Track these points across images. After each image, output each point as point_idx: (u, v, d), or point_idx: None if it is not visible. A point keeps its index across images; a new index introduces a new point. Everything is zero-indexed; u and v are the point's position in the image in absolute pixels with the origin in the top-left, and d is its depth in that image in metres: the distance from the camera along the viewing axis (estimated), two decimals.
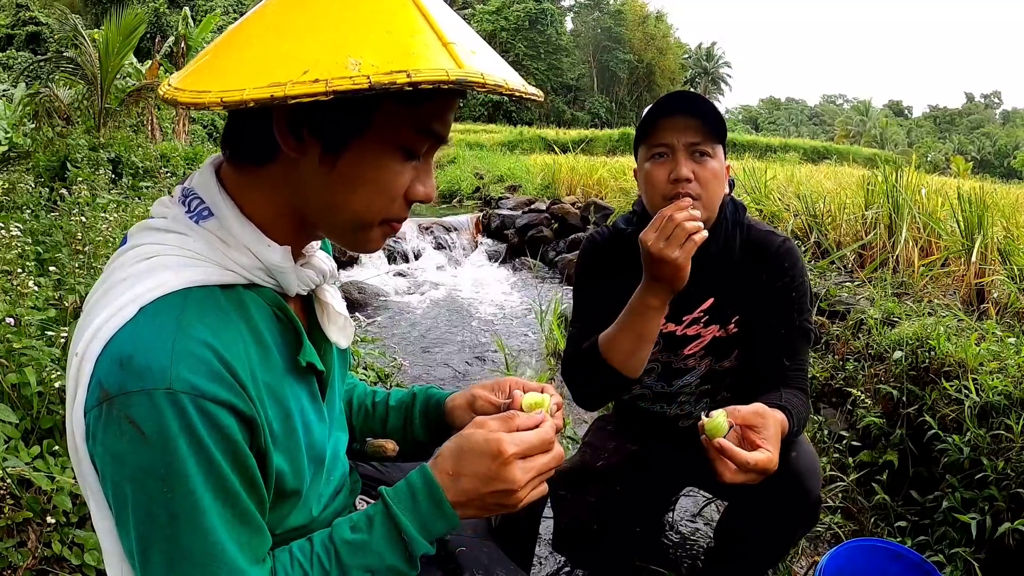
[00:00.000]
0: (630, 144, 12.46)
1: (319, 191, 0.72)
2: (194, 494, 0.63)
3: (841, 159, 21.89)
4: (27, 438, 1.63)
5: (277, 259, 0.73)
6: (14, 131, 7.19)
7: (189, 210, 0.73)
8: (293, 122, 0.68)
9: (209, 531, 0.65)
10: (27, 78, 13.10)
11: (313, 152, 0.69)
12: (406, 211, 0.77)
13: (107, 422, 0.63)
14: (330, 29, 0.63)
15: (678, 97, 1.35)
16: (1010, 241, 3.52)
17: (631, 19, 58.03)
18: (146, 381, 0.61)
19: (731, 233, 1.45)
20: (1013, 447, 1.87)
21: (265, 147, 0.71)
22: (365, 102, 0.66)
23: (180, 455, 0.62)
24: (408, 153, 0.72)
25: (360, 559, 0.75)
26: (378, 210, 0.74)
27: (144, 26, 9.05)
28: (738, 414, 1.16)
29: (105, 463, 0.65)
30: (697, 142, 1.34)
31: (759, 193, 5.64)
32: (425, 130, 0.72)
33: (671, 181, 1.34)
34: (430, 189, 0.76)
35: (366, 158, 0.70)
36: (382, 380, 2.98)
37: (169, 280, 0.67)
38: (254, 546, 0.71)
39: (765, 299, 1.45)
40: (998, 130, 67.16)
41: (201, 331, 0.64)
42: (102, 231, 2.89)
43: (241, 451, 0.67)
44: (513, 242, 7.78)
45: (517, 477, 0.78)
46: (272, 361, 0.74)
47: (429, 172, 0.76)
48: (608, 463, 1.64)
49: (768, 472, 1.13)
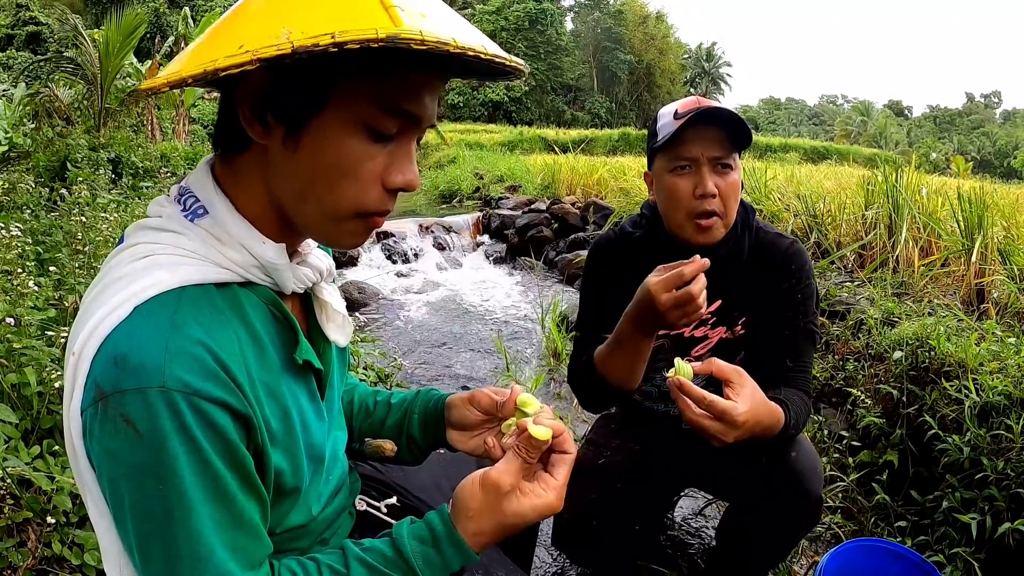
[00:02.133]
0: (630, 144, 12.42)
1: (288, 177, 0.71)
2: (186, 494, 0.63)
3: (841, 159, 21.89)
4: (27, 438, 1.63)
5: (271, 255, 0.73)
6: (14, 131, 7.19)
7: (185, 208, 0.73)
8: (256, 106, 0.69)
9: (199, 533, 0.64)
10: (27, 78, 13.10)
11: (278, 136, 0.69)
12: (387, 202, 0.73)
13: (103, 420, 0.63)
14: (282, 10, 0.63)
15: (707, 111, 1.32)
16: (1010, 241, 3.52)
17: (631, 19, 58.00)
18: (140, 379, 0.61)
19: (740, 236, 1.45)
20: (1013, 447, 1.87)
21: (239, 135, 0.71)
22: (321, 80, 0.66)
23: (173, 453, 0.62)
24: (375, 134, 0.69)
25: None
26: (349, 198, 0.70)
27: (144, 26, 9.05)
28: (715, 366, 1.15)
29: (101, 461, 0.65)
30: (721, 156, 1.33)
31: (759, 193, 5.63)
32: (391, 108, 0.68)
33: (696, 196, 1.33)
34: (410, 176, 0.72)
35: (327, 138, 0.68)
36: (382, 380, 2.97)
37: (164, 279, 0.67)
38: (249, 551, 0.70)
39: (771, 300, 1.44)
40: (998, 130, 67.16)
41: (195, 329, 0.64)
42: (102, 231, 2.89)
43: (237, 449, 0.67)
44: (513, 242, 7.78)
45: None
46: (269, 359, 0.74)
47: (407, 158, 0.72)
48: (610, 460, 1.65)
49: (729, 421, 1.11)
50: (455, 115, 46.78)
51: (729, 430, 1.11)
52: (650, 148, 1.44)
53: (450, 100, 49.03)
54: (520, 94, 50.03)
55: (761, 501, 1.41)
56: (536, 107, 51.90)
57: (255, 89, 0.68)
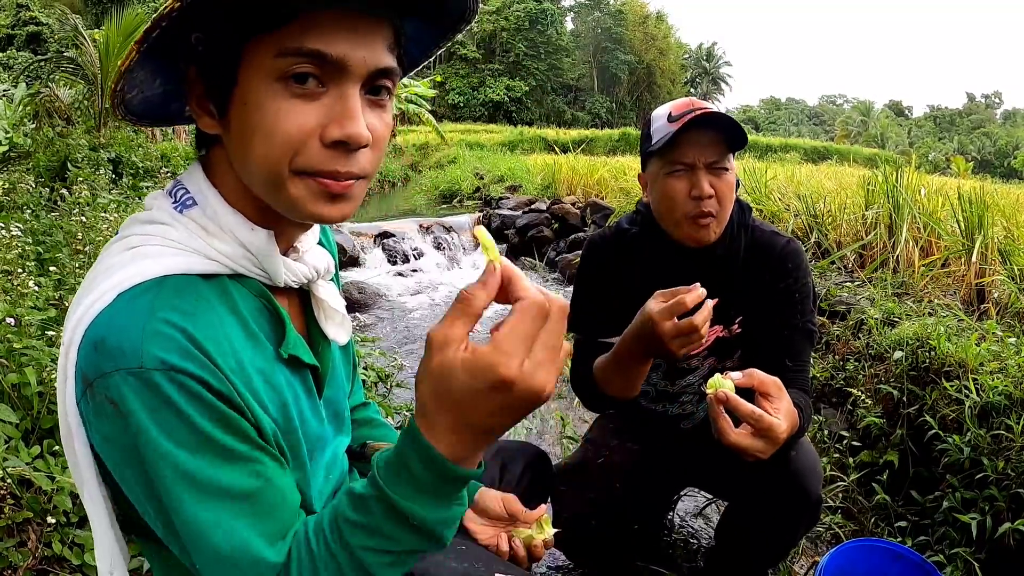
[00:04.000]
0: (630, 144, 12.48)
1: (236, 157, 0.70)
2: (184, 466, 0.63)
3: (841, 159, 21.88)
4: (27, 438, 1.63)
5: (260, 242, 0.73)
6: (14, 131, 7.18)
7: (175, 200, 0.74)
8: (198, 101, 0.70)
9: (204, 506, 0.64)
10: (27, 78, 13.08)
11: (220, 122, 0.70)
12: (332, 160, 0.66)
13: (94, 407, 0.63)
14: None
15: (702, 117, 1.32)
16: (1010, 241, 3.52)
17: (631, 19, 58.03)
18: (118, 361, 0.62)
19: (736, 234, 1.45)
20: (1013, 447, 1.87)
21: (205, 133, 0.73)
22: (227, 53, 0.66)
23: (162, 428, 0.62)
24: (293, 88, 0.65)
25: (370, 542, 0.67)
26: (278, 156, 0.66)
27: (144, 26, 9.05)
28: (756, 378, 1.13)
29: (102, 449, 0.66)
30: (717, 159, 1.34)
31: (760, 193, 5.64)
32: (293, 51, 0.64)
33: (692, 198, 1.34)
34: (349, 129, 0.65)
35: (247, 104, 0.66)
36: (382, 380, 2.97)
37: (148, 268, 0.67)
38: (273, 519, 0.68)
39: (768, 299, 1.45)
40: (998, 130, 67.12)
41: (172, 314, 0.64)
42: (102, 231, 2.89)
43: (229, 415, 0.65)
44: (513, 242, 7.79)
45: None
46: (264, 349, 0.74)
47: (347, 110, 0.66)
48: (609, 460, 1.65)
49: (772, 438, 1.09)
50: (455, 115, 46.78)
51: (769, 447, 1.10)
52: (644, 151, 1.44)
53: (450, 100, 49.02)
54: (520, 94, 50.05)
55: (760, 501, 1.41)
56: (536, 107, 51.93)
57: (195, 86, 0.70)
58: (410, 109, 19.12)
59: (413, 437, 0.63)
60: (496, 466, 1.31)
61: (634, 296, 1.32)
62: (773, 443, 1.10)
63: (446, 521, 0.67)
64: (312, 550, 0.68)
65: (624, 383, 1.37)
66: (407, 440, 0.64)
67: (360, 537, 0.66)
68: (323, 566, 0.67)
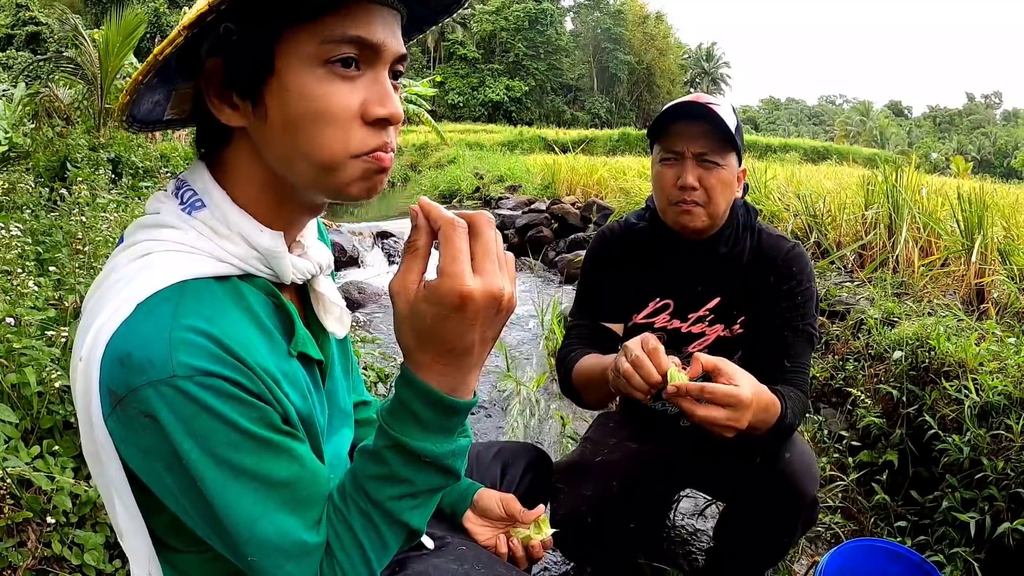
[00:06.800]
0: (630, 144, 12.51)
1: (272, 148, 0.71)
2: (231, 469, 0.65)
3: (841, 159, 21.86)
4: (27, 438, 1.63)
5: (270, 243, 0.73)
6: (14, 131, 7.17)
7: (182, 202, 0.73)
8: (220, 92, 0.70)
9: (252, 503, 0.66)
10: (27, 78, 13.08)
11: (249, 113, 0.70)
12: (377, 136, 0.70)
13: (126, 422, 0.63)
14: None
15: (689, 107, 1.37)
16: (1010, 241, 3.52)
17: (631, 19, 58.06)
18: (148, 374, 0.62)
19: (741, 236, 1.48)
20: (1013, 447, 1.87)
21: (218, 129, 0.73)
22: (262, 39, 0.67)
23: (203, 433, 0.63)
24: (335, 71, 0.67)
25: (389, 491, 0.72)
26: (332, 142, 0.68)
27: (144, 26, 9.03)
28: (700, 363, 1.17)
29: (138, 463, 0.66)
30: (705, 152, 1.37)
31: (759, 193, 5.63)
32: (339, 38, 0.66)
33: (678, 187, 1.38)
34: (390, 107, 0.69)
35: (288, 91, 0.67)
36: (382, 380, 2.97)
37: (164, 275, 0.67)
38: (311, 502, 0.71)
39: (770, 301, 1.46)
40: (998, 130, 67.16)
41: (197, 320, 0.64)
42: (102, 231, 2.89)
43: (264, 409, 0.67)
44: (513, 242, 7.78)
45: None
46: (279, 345, 0.74)
47: (383, 89, 0.70)
48: (607, 459, 1.65)
49: (735, 404, 1.12)
50: (455, 115, 46.80)
51: (739, 413, 1.13)
52: (650, 140, 1.50)
53: (450, 100, 49.04)
54: (520, 94, 50.05)
55: (755, 502, 1.42)
56: (536, 107, 51.95)
57: (214, 78, 0.70)
58: (410, 109, 19.05)
59: (407, 380, 0.69)
60: (497, 467, 1.32)
61: (636, 284, 1.36)
62: (739, 407, 1.13)
63: (455, 452, 0.72)
64: (346, 519, 0.72)
65: (599, 397, 1.51)
66: (403, 385, 0.70)
67: (384, 489, 0.71)
68: (360, 529, 0.72)
